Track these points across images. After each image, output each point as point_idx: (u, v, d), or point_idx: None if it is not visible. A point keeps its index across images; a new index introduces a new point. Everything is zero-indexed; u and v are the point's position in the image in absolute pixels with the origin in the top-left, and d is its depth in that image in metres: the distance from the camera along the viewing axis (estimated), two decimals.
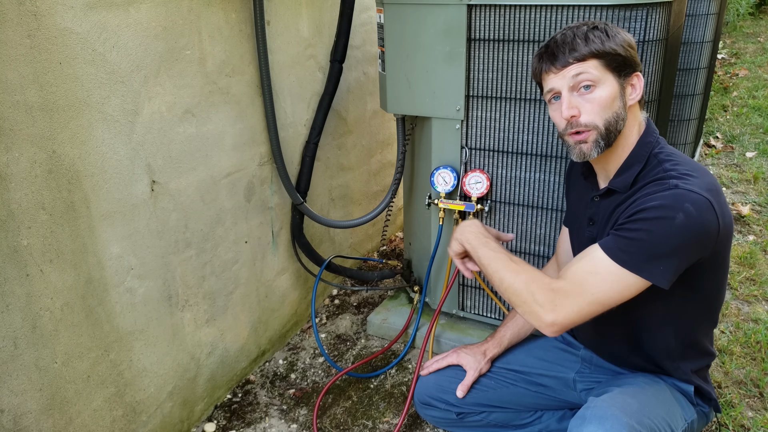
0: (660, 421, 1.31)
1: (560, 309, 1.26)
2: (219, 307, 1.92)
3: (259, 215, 2.04)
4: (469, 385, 1.66)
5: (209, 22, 1.69)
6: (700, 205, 1.20)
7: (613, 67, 1.29)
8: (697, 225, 1.20)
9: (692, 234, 1.20)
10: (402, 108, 1.99)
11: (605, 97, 1.28)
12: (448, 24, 1.79)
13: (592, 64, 1.28)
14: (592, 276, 1.26)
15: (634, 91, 1.32)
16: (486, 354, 1.69)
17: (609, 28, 1.30)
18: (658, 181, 1.27)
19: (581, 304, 1.25)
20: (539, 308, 1.28)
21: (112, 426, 1.60)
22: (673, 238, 1.20)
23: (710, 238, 1.24)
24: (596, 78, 1.28)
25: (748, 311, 2.36)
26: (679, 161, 1.30)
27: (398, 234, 3.11)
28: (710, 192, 1.22)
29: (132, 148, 1.52)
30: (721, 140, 4.12)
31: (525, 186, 1.90)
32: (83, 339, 1.48)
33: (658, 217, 1.20)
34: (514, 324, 1.73)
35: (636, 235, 1.22)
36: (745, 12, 7.33)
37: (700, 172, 1.27)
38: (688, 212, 1.18)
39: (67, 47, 1.32)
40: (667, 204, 1.20)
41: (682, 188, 1.21)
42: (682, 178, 1.24)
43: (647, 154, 1.33)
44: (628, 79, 1.31)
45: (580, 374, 1.60)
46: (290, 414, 1.95)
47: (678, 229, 1.19)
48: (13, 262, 1.29)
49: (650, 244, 1.21)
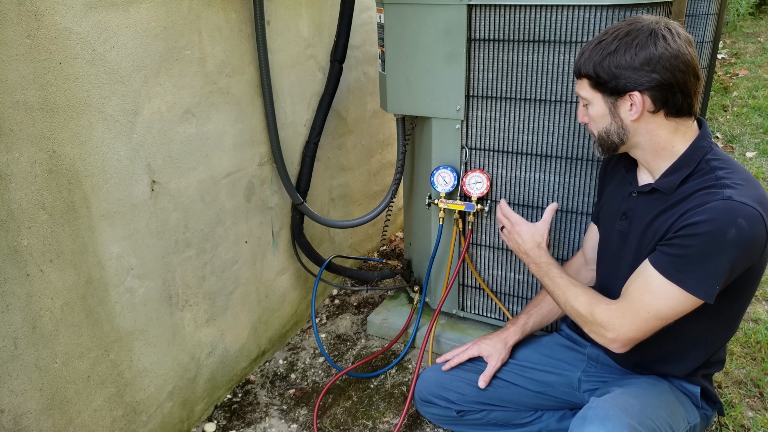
0: (662, 422, 1.31)
1: (619, 327, 1.32)
2: (219, 307, 1.92)
3: (259, 215, 2.04)
4: (491, 375, 1.66)
5: (209, 22, 1.69)
6: (753, 219, 1.18)
7: (599, 88, 1.31)
8: (748, 240, 1.19)
9: (743, 249, 1.19)
10: (402, 108, 1.99)
11: (593, 115, 1.36)
12: (448, 24, 1.79)
13: (584, 83, 1.34)
14: (646, 295, 1.28)
15: (634, 108, 1.29)
16: (507, 342, 1.69)
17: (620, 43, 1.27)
18: (710, 188, 1.24)
19: (638, 323, 1.30)
20: (600, 328, 1.35)
21: (112, 426, 1.60)
22: (724, 255, 1.19)
23: (758, 251, 1.23)
24: (588, 97, 1.35)
25: (748, 311, 2.36)
26: (732, 169, 1.27)
27: (398, 234, 3.11)
28: (762, 205, 1.20)
29: (132, 148, 1.52)
30: (721, 140, 4.12)
31: (525, 186, 1.90)
32: (83, 339, 1.48)
33: (710, 231, 1.19)
34: (538, 312, 1.72)
35: (687, 251, 1.22)
36: (745, 12, 7.33)
37: (752, 182, 1.25)
38: (740, 227, 1.17)
39: (67, 47, 1.32)
40: (720, 218, 1.18)
41: (736, 200, 1.19)
42: (735, 187, 1.21)
43: (699, 158, 1.30)
44: (622, 98, 1.30)
45: (586, 373, 1.60)
46: (290, 414, 1.95)
47: (729, 245, 1.18)
48: (13, 262, 1.29)
49: (701, 261, 1.21)
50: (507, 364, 1.69)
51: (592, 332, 1.38)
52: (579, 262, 1.72)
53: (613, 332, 1.33)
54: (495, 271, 2.06)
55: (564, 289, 1.46)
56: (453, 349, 1.78)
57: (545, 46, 1.71)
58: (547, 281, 1.53)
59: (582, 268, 1.70)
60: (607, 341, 1.35)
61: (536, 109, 1.80)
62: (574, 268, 1.72)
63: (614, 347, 1.35)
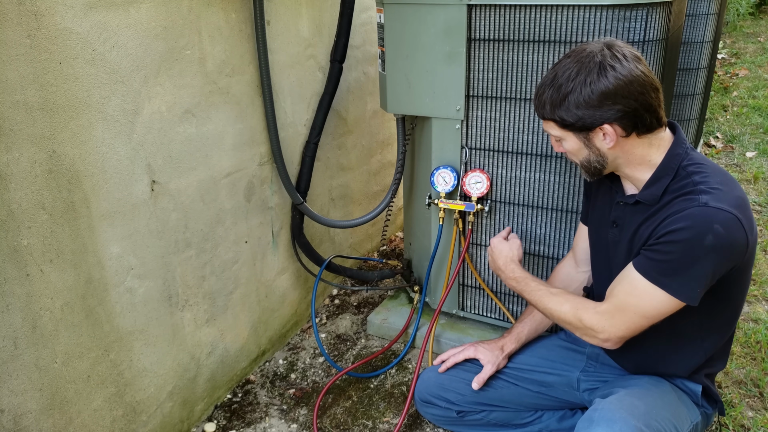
0: (666, 423, 1.32)
1: (610, 328, 1.35)
2: (219, 307, 1.92)
3: (259, 215, 2.04)
4: (486, 379, 1.66)
5: (209, 22, 1.69)
6: (729, 224, 1.20)
7: (568, 128, 1.33)
8: (726, 245, 1.21)
9: (722, 253, 1.22)
10: (402, 108, 1.99)
11: (569, 149, 1.39)
12: (448, 24, 1.79)
13: (551, 124, 1.36)
14: (632, 297, 1.32)
15: (607, 137, 1.30)
16: (504, 349, 1.70)
17: (574, 83, 1.27)
18: (687, 195, 1.26)
19: (626, 322, 1.34)
20: (591, 331, 1.39)
21: (112, 426, 1.60)
22: (703, 259, 1.22)
23: (739, 253, 1.25)
24: (558, 135, 1.37)
25: (748, 311, 2.36)
26: (708, 172, 1.29)
27: (398, 234, 3.11)
28: (739, 208, 1.22)
29: (132, 148, 1.52)
30: (721, 140, 4.12)
31: (525, 186, 1.90)
32: (83, 339, 1.48)
33: (688, 239, 1.22)
34: (531, 320, 1.73)
35: (667, 257, 1.25)
36: (745, 12, 7.33)
37: (728, 184, 1.27)
38: (717, 233, 1.20)
39: (67, 47, 1.32)
40: (696, 225, 1.21)
41: (711, 206, 1.21)
42: (712, 192, 1.23)
43: (676, 166, 1.32)
44: (593, 132, 1.31)
45: (585, 373, 1.60)
46: (290, 414, 1.95)
47: (707, 250, 1.21)
48: (13, 262, 1.29)
49: (683, 266, 1.24)
50: (505, 369, 1.69)
51: (584, 336, 1.42)
52: (569, 265, 1.72)
53: (605, 333, 1.36)
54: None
55: (546, 301, 1.50)
56: (450, 349, 1.78)
57: (545, 46, 1.71)
58: (526, 295, 1.57)
59: (572, 271, 1.70)
60: (600, 342, 1.39)
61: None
62: (564, 272, 1.72)
63: (607, 346, 1.39)
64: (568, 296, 1.48)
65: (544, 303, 1.50)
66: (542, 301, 1.51)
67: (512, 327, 1.76)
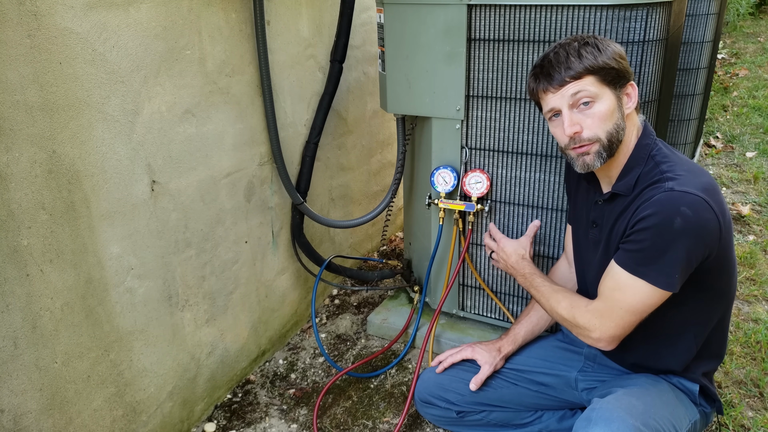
0: (665, 422, 1.32)
1: (600, 327, 1.36)
2: (219, 307, 1.92)
3: (259, 215, 2.04)
4: (483, 380, 1.67)
5: (209, 22, 1.69)
6: (696, 206, 1.22)
7: (608, 80, 1.31)
8: (696, 226, 1.22)
9: (692, 235, 1.22)
10: (402, 108, 1.99)
11: (604, 110, 1.31)
12: (448, 24, 1.79)
13: (588, 80, 1.30)
14: (617, 292, 1.33)
15: (630, 100, 1.35)
16: (501, 351, 1.70)
17: (599, 41, 1.32)
18: (654, 184, 1.29)
19: (615, 320, 1.34)
20: (584, 329, 1.40)
21: (112, 426, 1.60)
22: (675, 243, 1.23)
23: (713, 236, 1.25)
24: (594, 94, 1.31)
25: (748, 311, 2.36)
26: (674, 161, 1.32)
27: (398, 234, 3.11)
28: (706, 191, 1.23)
29: (132, 148, 1.52)
30: (721, 140, 4.12)
31: (525, 186, 1.90)
32: (83, 339, 1.48)
33: (657, 224, 1.23)
34: (528, 321, 1.74)
35: (640, 245, 1.27)
36: (745, 12, 7.33)
37: (695, 172, 1.29)
38: (684, 215, 1.21)
39: (67, 47, 1.32)
40: (663, 210, 1.23)
41: (677, 190, 1.23)
42: (677, 179, 1.26)
43: (646, 156, 1.35)
44: (623, 90, 1.34)
45: (583, 373, 1.60)
46: (290, 414, 1.95)
47: (678, 234, 1.22)
48: (13, 262, 1.29)
49: (657, 253, 1.25)
50: (503, 369, 1.70)
51: (578, 335, 1.43)
52: (564, 266, 1.74)
53: (596, 332, 1.37)
54: (495, 271, 2.06)
55: (548, 297, 1.52)
56: (448, 350, 1.79)
57: (545, 46, 1.71)
58: (533, 291, 1.59)
59: (566, 271, 1.73)
60: (593, 341, 1.40)
61: (536, 109, 1.80)
62: (560, 271, 1.75)
63: (601, 345, 1.40)
64: (566, 294, 1.49)
65: (546, 299, 1.53)
66: (544, 298, 1.54)
67: (509, 329, 1.76)
